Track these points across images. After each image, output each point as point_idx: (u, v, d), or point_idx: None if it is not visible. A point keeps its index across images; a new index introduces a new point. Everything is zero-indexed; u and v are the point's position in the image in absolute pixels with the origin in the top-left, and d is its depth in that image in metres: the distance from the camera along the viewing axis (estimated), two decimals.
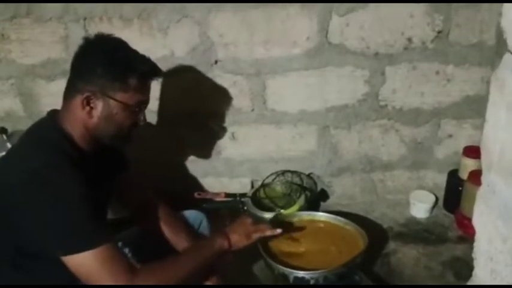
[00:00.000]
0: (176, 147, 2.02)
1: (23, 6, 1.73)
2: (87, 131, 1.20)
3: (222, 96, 1.91)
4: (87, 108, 1.17)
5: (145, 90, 1.24)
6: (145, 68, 1.21)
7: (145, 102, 1.26)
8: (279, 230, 1.44)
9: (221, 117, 1.96)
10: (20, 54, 1.82)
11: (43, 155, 1.12)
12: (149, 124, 1.91)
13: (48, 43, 1.79)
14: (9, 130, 1.73)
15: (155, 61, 1.26)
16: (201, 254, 1.30)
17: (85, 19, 1.75)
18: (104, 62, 1.16)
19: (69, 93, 1.20)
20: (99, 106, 1.17)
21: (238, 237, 1.36)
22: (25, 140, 1.22)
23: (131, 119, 1.23)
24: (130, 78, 1.17)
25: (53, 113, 1.24)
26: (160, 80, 1.34)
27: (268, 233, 1.42)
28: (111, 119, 1.19)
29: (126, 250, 1.45)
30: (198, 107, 1.93)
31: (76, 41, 1.69)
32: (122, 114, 1.19)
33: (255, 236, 1.39)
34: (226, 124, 1.98)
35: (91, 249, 1.06)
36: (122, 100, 1.18)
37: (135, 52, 1.22)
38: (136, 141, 1.34)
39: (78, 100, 1.17)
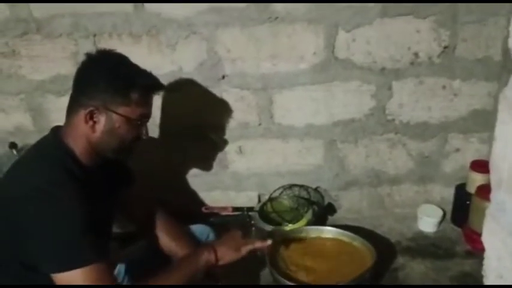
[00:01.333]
0: (184, 161, 2.03)
1: (34, 22, 1.75)
2: (90, 145, 1.21)
3: (229, 111, 1.92)
4: (90, 122, 1.18)
5: (147, 104, 1.26)
6: (146, 82, 1.23)
7: (147, 115, 1.27)
8: (269, 241, 1.41)
9: (228, 132, 1.97)
10: (30, 70, 1.84)
11: (45, 171, 1.14)
12: (157, 139, 1.94)
13: (58, 59, 1.81)
14: (19, 145, 1.75)
15: (163, 76, 1.28)
16: (185, 269, 1.30)
17: (95, 35, 1.77)
18: (106, 76, 1.18)
19: (71, 109, 1.22)
20: (102, 120, 1.19)
21: (225, 250, 1.35)
22: (28, 156, 1.24)
23: (133, 133, 1.24)
24: (132, 93, 1.19)
25: (57, 129, 1.26)
26: (161, 93, 1.35)
27: (258, 244, 1.40)
28: (113, 133, 1.20)
29: (122, 269, 1.45)
30: (206, 121, 1.94)
31: None
32: (124, 128, 1.21)
33: (245, 249, 1.37)
34: (233, 138, 1.99)
35: (80, 267, 1.07)
36: (124, 114, 1.19)
37: (137, 67, 1.24)
38: (144, 155, 1.35)
39: (81, 115, 1.18)
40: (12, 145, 1.72)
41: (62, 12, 1.73)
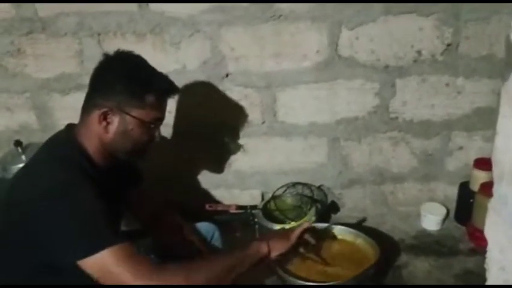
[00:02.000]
0: (187, 160, 2.03)
1: (39, 21, 1.76)
2: (103, 146, 1.22)
3: (233, 109, 1.93)
4: (104, 123, 1.19)
5: (162, 107, 1.27)
6: (162, 86, 1.24)
7: (161, 118, 1.28)
8: (308, 223, 1.48)
9: (232, 130, 1.98)
10: (35, 68, 1.86)
11: (61, 171, 1.14)
12: (161, 137, 1.95)
13: (63, 58, 1.83)
14: (24, 143, 1.77)
15: (168, 75, 1.28)
16: (235, 257, 1.27)
17: (99, 34, 1.78)
18: (123, 78, 1.19)
19: (86, 108, 1.23)
20: (115, 121, 1.20)
21: (276, 241, 1.36)
22: (43, 155, 1.24)
23: (147, 135, 1.25)
24: (147, 96, 1.19)
25: (70, 127, 1.26)
26: (176, 96, 1.36)
27: (305, 225, 1.44)
28: (127, 135, 1.21)
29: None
30: (209, 119, 1.95)
31: (90, 55, 1.77)
32: (138, 131, 1.21)
33: (294, 235, 1.39)
34: (236, 136, 1.99)
35: (108, 247, 1.06)
36: (138, 116, 1.20)
37: (153, 69, 1.25)
38: (148, 154, 1.35)
39: (95, 115, 1.19)
40: (17, 143, 1.73)
41: (67, 11, 1.75)
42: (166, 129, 1.93)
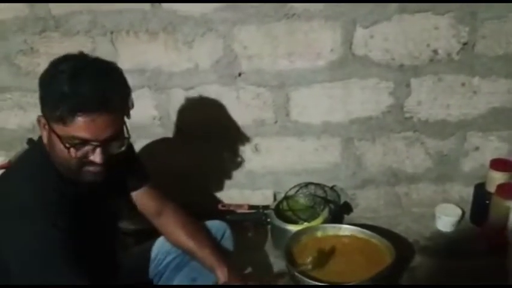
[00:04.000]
0: (199, 159, 2.02)
1: (52, 20, 1.77)
2: None
3: (245, 109, 1.92)
4: (42, 132, 1.13)
5: (78, 126, 1.03)
6: (73, 102, 1.01)
7: (80, 139, 1.05)
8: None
9: (244, 130, 1.97)
10: None
11: (27, 190, 1.09)
12: (173, 137, 1.95)
13: None
14: None
15: (180, 74, 1.24)
16: None
17: (112, 33, 1.78)
18: (44, 89, 1.08)
19: None
20: (44, 132, 1.12)
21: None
22: (14, 168, 1.24)
23: (69, 155, 1.07)
24: (58, 110, 1.02)
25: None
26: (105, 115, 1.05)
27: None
28: (51, 148, 1.11)
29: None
30: (222, 119, 1.94)
31: (103, 54, 1.74)
32: (57, 146, 1.08)
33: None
34: (249, 136, 1.98)
35: None
36: (54, 129, 1.06)
37: (82, 81, 1.03)
38: (160, 154, 1.33)
39: None
40: (30, 142, 1.73)
41: (80, 10, 1.75)
42: (177, 129, 1.93)
